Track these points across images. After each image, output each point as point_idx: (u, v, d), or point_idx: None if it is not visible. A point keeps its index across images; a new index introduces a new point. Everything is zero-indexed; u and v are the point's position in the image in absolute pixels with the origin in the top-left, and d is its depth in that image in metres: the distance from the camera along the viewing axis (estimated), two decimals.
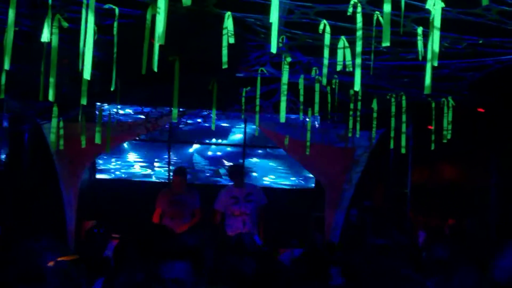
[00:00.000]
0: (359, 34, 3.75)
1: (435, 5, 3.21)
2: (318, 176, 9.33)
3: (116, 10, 4.00)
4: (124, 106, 8.51)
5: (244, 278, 3.37)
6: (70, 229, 8.42)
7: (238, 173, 8.45)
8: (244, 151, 10.82)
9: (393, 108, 6.46)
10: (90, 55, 3.03)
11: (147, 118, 8.36)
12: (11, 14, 3.19)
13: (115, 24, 3.95)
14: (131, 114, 9.37)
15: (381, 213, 9.47)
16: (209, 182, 10.78)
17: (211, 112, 6.66)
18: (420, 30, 4.18)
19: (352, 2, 3.83)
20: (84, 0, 3.13)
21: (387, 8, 3.06)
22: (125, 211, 9.20)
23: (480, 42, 4.78)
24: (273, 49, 3.10)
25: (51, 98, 3.57)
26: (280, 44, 5.04)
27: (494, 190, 9.24)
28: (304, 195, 10.73)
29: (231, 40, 4.00)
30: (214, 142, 10.88)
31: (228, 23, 4.03)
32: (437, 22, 3.15)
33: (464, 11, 4.06)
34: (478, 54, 5.15)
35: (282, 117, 4.87)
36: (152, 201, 8.48)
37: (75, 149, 7.93)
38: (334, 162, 8.72)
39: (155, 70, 3.29)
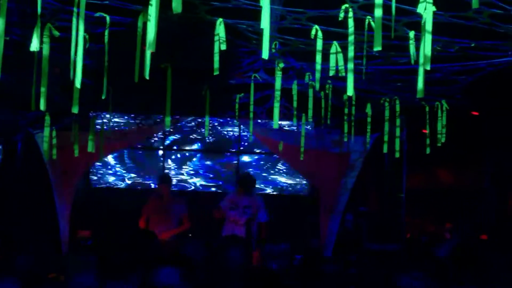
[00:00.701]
0: (351, 39, 3.74)
1: (426, 9, 3.20)
2: (313, 182, 9.32)
3: (107, 18, 3.99)
4: (117, 114, 8.49)
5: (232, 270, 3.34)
6: (63, 238, 8.38)
7: (244, 182, 8.40)
8: (238, 157, 10.80)
9: (387, 113, 6.45)
10: (81, 63, 3.01)
11: (140, 126, 8.33)
12: (1, 23, 3.17)
13: (106, 32, 3.93)
14: (124, 122, 9.34)
15: (376, 218, 9.46)
16: (201, 189, 10.77)
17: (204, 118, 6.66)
18: (412, 34, 4.18)
19: (343, 7, 3.83)
20: (75, 9, 3.11)
21: (378, 13, 3.06)
22: (121, 220, 9.14)
23: (472, 45, 4.78)
24: (264, 55, 3.09)
25: (42, 107, 3.55)
26: (273, 50, 5.03)
27: (487, 193, 9.26)
28: (298, 200, 10.70)
29: (223, 47, 3.99)
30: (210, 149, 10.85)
31: (220, 29, 4.02)
32: (428, 26, 3.14)
33: (456, 14, 4.06)
34: (470, 58, 5.15)
35: (276, 123, 4.86)
36: None
37: (68, 158, 7.90)
38: (329, 167, 8.70)
39: (147, 77, 3.27)
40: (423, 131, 6.78)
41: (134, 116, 8.31)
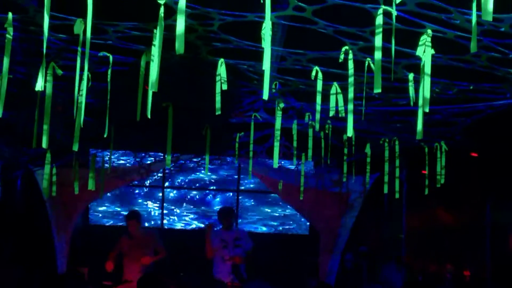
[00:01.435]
0: (351, 80, 3.78)
1: (425, 51, 3.25)
2: (313, 221, 9.29)
3: (110, 58, 4.04)
4: (118, 151, 8.51)
5: None
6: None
7: (227, 216, 8.35)
8: (237, 196, 10.78)
9: (386, 153, 6.47)
10: (84, 102, 3.04)
11: (141, 164, 8.34)
12: (6, 62, 3.21)
13: (109, 71, 3.98)
14: (124, 160, 9.36)
15: (376, 258, 9.40)
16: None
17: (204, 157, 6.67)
18: (411, 76, 4.22)
19: (343, 49, 3.88)
20: (79, 48, 3.16)
21: (377, 55, 3.10)
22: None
23: (471, 88, 4.83)
24: (265, 96, 3.12)
25: (44, 145, 3.56)
26: (273, 90, 5.08)
27: (488, 233, 9.22)
28: (298, 240, 10.65)
29: (224, 87, 4.03)
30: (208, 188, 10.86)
31: (221, 69, 4.07)
32: (427, 68, 3.18)
33: (454, 57, 4.11)
34: (469, 100, 5.20)
35: (275, 162, 4.87)
36: None
37: (68, 195, 7.90)
38: (328, 207, 8.69)
39: (149, 117, 3.29)
40: (422, 172, 6.80)
41: (134, 154, 8.32)
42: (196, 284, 7.53)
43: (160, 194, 10.68)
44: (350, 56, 3.86)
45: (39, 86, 3.10)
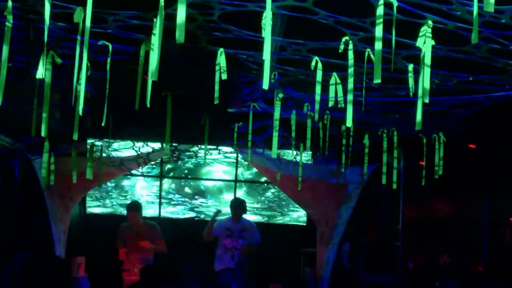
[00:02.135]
0: (350, 71, 3.78)
1: (425, 42, 3.25)
2: (310, 212, 9.29)
3: (110, 47, 4.02)
4: (116, 141, 8.51)
5: None
6: None
7: (235, 208, 8.41)
8: (235, 186, 10.79)
9: (385, 144, 6.47)
10: (83, 91, 3.03)
11: (139, 153, 8.34)
12: (5, 50, 3.20)
13: (108, 60, 3.97)
14: (123, 149, 9.35)
15: (373, 249, 9.42)
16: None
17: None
18: (411, 67, 4.22)
19: (343, 40, 3.87)
20: (78, 37, 3.14)
21: (378, 46, 3.09)
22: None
23: (470, 79, 4.83)
24: (265, 86, 3.11)
25: (43, 133, 3.55)
26: (272, 80, 5.07)
27: (485, 225, 9.25)
28: (295, 231, 10.68)
29: (224, 76, 4.02)
30: (206, 178, 10.85)
31: (221, 59, 4.06)
32: (427, 60, 3.18)
33: (454, 48, 4.11)
34: (468, 91, 5.20)
35: (274, 152, 4.87)
36: None
37: (66, 184, 7.90)
38: (326, 198, 8.70)
39: (148, 106, 3.29)
40: (420, 163, 6.80)
41: (132, 143, 8.31)
42: (194, 274, 7.56)
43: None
44: (350, 46, 3.86)
45: (39, 74, 3.09)
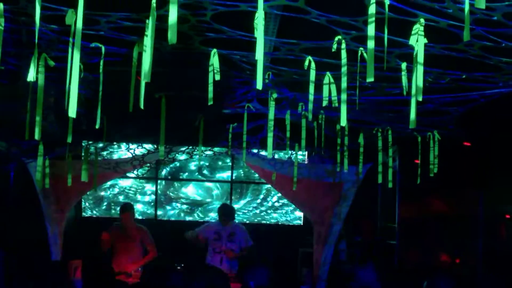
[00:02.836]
0: (344, 70, 3.78)
1: (418, 41, 3.25)
2: (306, 212, 9.29)
3: (103, 49, 4.02)
4: (110, 143, 8.50)
5: None
6: None
7: (224, 212, 8.48)
8: (231, 187, 10.79)
9: (379, 143, 6.48)
10: (76, 93, 3.02)
11: (133, 155, 8.33)
12: None
13: (101, 62, 3.96)
14: (117, 151, 9.34)
15: (370, 247, 9.43)
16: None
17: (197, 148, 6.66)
18: (404, 65, 4.22)
19: (336, 39, 3.88)
20: (71, 39, 3.14)
21: (370, 44, 3.10)
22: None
23: (464, 77, 4.84)
24: (258, 86, 3.11)
25: (37, 136, 3.55)
26: (266, 80, 5.07)
27: (481, 222, 9.27)
28: (291, 231, 10.68)
29: (217, 77, 4.02)
30: (202, 178, 10.84)
31: (214, 60, 4.06)
32: (420, 58, 3.19)
33: (447, 46, 4.12)
34: (462, 89, 5.21)
35: (269, 153, 4.87)
36: None
37: (61, 187, 7.87)
38: (322, 197, 8.68)
39: (142, 107, 3.28)
40: (415, 162, 6.81)
41: (127, 145, 8.30)
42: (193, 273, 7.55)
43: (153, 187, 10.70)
44: (343, 45, 3.86)
45: (31, 76, 3.08)
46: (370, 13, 3.05)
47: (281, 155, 9.03)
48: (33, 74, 3.10)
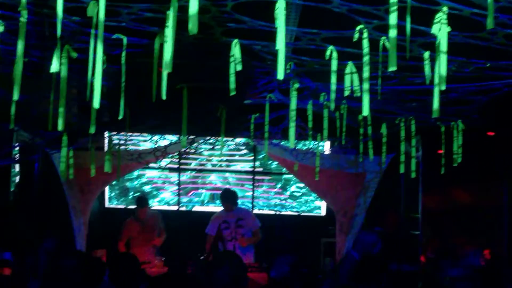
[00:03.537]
0: (366, 59, 3.75)
1: (441, 29, 3.21)
2: (329, 202, 9.28)
3: (124, 40, 4.03)
4: (133, 134, 8.57)
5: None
6: None
7: (227, 198, 8.47)
8: (253, 178, 10.80)
9: (402, 133, 6.44)
10: (99, 84, 3.05)
11: (156, 146, 8.39)
12: (21, 45, 3.22)
13: (123, 53, 3.98)
14: (140, 142, 9.40)
15: (392, 238, 9.39)
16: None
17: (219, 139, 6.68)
18: (427, 54, 4.18)
19: (358, 28, 3.85)
20: (93, 31, 3.16)
21: (393, 33, 3.07)
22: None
23: (488, 65, 4.78)
24: (279, 76, 3.11)
25: (60, 127, 3.59)
26: (288, 71, 5.05)
27: (506, 212, 9.17)
28: (314, 221, 10.67)
29: (239, 67, 4.02)
30: (223, 168, 10.86)
31: (236, 50, 4.05)
32: (443, 46, 3.15)
33: (471, 35, 4.06)
34: (486, 78, 5.14)
35: (292, 143, 4.87)
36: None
37: (85, 178, 7.96)
38: (344, 188, 8.67)
39: (164, 98, 3.30)
40: (438, 152, 6.76)
41: (150, 136, 8.36)
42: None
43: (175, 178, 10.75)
44: (365, 35, 3.83)
45: (54, 68, 3.11)
46: (392, 1, 3.02)
47: (299, 146, 9.00)
48: (56, 65, 3.13)
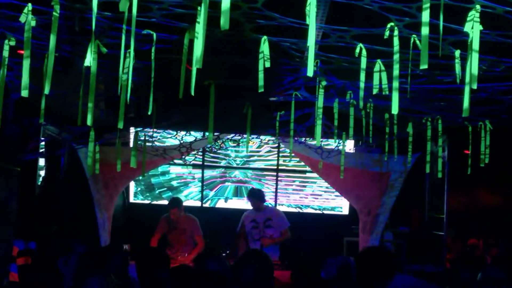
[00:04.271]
0: (396, 57, 3.72)
1: (473, 27, 3.18)
2: (352, 201, 9.24)
3: (154, 36, 4.05)
4: (158, 130, 8.61)
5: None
6: None
7: (253, 197, 8.47)
8: (277, 176, 10.78)
9: (429, 132, 6.39)
10: (130, 79, 3.06)
11: (181, 142, 8.41)
12: (52, 40, 3.25)
13: (153, 49, 3.99)
14: (165, 138, 9.44)
15: (417, 238, 9.32)
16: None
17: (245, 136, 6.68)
18: (457, 53, 4.14)
19: (388, 26, 3.82)
20: (124, 26, 3.17)
21: (425, 31, 3.04)
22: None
23: None
24: (309, 73, 3.09)
25: (89, 122, 3.61)
26: (315, 68, 5.03)
27: None
28: (337, 220, 10.64)
29: (267, 64, 4.01)
30: (247, 166, 10.86)
31: (264, 47, 4.05)
32: (475, 45, 3.12)
33: (503, 33, 4.01)
34: None
35: (318, 141, 4.86)
36: None
37: (110, 173, 8.03)
38: (368, 187, 8.62)
39: (193, 94, 3.31)
40: (465, 152, 6.69)
41: (175, 132, 8.39)
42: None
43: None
44: (396, 32, 3.80)
45: (87, 62, 3.13)
46: None
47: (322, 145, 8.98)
48: (90, 59, 3.15)
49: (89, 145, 5.79)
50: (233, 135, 8.33)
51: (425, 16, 3.03)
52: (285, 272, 7.60)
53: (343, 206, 10.73)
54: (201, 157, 10.64)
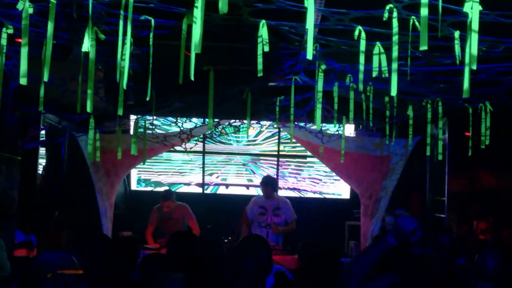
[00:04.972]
0: (395, 39, 3.70)
1: (473, 8, 3.16)
2: (354, 185, 9.25)
3: (152, 22, 4.03)
4: (158, 117, 8.60)
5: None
6: None
7: (265, 185, 8.49)
8: (278, 161, 10.78)
9: (429, 115, 6.37)
10: (127, 66, 3.05)
11: (181, 128, 8.41)
12: (50, 27, 3.23)
13: (151, 35, 3.97)
14: (165, 125, 9.44)
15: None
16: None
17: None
18: (457, 34, 4.12)
19: (387, 7, 3.80)
20: (121, 12, 3.15)
21: (424, 12, 3.03)
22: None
23: None
24: (309, 55, 3.08)
25: (89, 109, 3.60)
26: (314, 52, 5.01)
27: None
28: (338, 204, 10.65)
29: (266, 49, 3.99)
30: (248, 152, 10.85)
31: (263, 31, 4.03)
32: (475, 25, 3.10)
33: (503, 13, 3.99)
34: None
35: (318, 125, 4.85)
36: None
37: (111, 160, 8.03)
38: (369, 170, 8.63)
39: (192, 79, 3.30)
40: (465, 134, 6.68)
41: (175, 119, 8.37)
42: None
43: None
44: (395, 14, 3.78)
45: (85, 47, 3.12)
46: None
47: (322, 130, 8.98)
48: (88, 45, 3.14)
49: (89, 132, 5.78)
50: (233, 121, 8.32)
51: None
52: (287, 256, 7.65)
53: (343, 193, 10.72)
54: (202, 143, 10.63)
